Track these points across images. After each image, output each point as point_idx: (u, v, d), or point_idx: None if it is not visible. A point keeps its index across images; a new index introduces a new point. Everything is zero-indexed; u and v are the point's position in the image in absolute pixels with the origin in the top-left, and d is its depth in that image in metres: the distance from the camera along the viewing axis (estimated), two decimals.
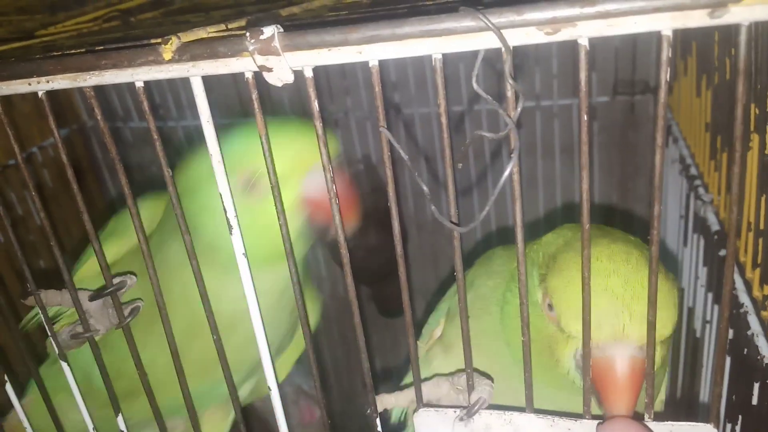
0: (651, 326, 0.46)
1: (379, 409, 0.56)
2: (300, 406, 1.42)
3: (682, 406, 1.03)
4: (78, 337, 0.63)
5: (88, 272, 0.80)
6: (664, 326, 0.59)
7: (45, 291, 0.68)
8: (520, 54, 0.38)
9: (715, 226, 0.86)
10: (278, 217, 0.47)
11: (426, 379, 0.60)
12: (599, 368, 0.57)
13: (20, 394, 0.81)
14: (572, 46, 0.41)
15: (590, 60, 0.41)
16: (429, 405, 0.54)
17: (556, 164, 1.41)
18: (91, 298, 0.64)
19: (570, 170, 1.41)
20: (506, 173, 0.44)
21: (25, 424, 0.70)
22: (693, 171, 1.01)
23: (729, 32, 0.80)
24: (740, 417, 0.72)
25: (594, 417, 0.50)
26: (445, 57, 0.41)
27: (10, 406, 0.75)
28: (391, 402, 0.59)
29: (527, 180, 1.41)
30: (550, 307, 0.62)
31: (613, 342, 0.58)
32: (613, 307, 0.58)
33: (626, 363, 0.57)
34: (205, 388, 0.74)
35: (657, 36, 0.39)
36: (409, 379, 0.83)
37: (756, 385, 0.67)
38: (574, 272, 0.61)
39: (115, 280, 0.61)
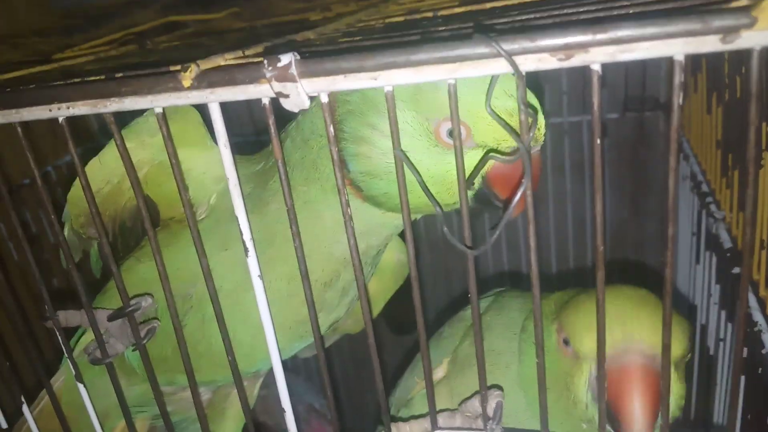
0: (666, 348, 0.46)
1: None
2: (311, 425, 1.42)
3: (697, 426, 1.02)
4: (97, 362, 0.64)
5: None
6: (675, 348, 0.58)
7: (65, 311, 0.69)
8: (530, 71, 0.38)
9: (727, 244, 0.86)
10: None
11: (439, 411, 0.60)
12: (611, 379, 0.56)
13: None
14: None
15: (601, 82, 0.41)
16: (443, 428, 0.54)
17: (566, 181, 1.41)
18: (110, 318, 0.65)
19: (580, 187, 1.41)
20: (517, 197, 0.44)
21: None
22: (704, 188, 1.01)
23: (740, 51, 0.80)
24: None
25: None
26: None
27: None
28: (405, 430, 0.59)
29: (537, 197, 1.41)
30: (566, 342, 0.63)
31: (623, 350, 0.58)
32: (621, 317, 0.59)
33: (639, 369, 0.57)
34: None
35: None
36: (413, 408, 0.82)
37: None
38: (587, 304, 0.63)
39: (132, 301, 0.62)
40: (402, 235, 0.80)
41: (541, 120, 0.59)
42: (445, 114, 0.56)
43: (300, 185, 0.67)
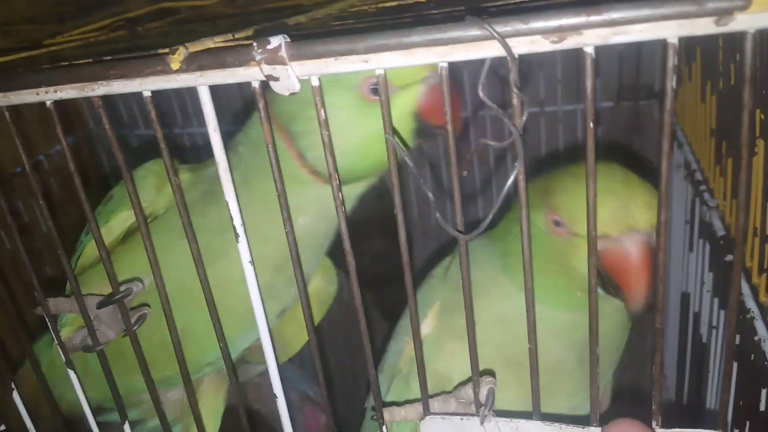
0: (659, 333, 0.46)
1: (387, 419, 0.56)
2: (305, 413, 1.42)
3: (689, 412, 1.02)
4: (89, 350, 0.63)
5: (89, 261, 0.82)
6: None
7: (55, 299, 0.69)
8: (524, 59, 0.38)
9: (720, 232, 0.86)
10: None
11: (433, 395, 0.60)
12: (616, 257, 0.65)
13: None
14: (577, 52, 0.41)
15: (595, 66, 0.41)
16: (436, 413, 0.54)
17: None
18: (100, 305, 0.65)
19: None
20: (510, 181, 0.44)
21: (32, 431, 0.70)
22: (698, 176, 1.00)
23: (734, 38, 0.80)
24: (748, 423, 0.72)
25: (601, 424, 0.50)
26: (450, 63, 0.42)
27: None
28: (400, 415, 0.59)
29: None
30: (557, 223, 0.69)
31: (626, 231, 0.65)
32: (622, 200, 0.66)
33: (642, 248, 0.65)
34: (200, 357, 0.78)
35: (661, 42, 0.39)
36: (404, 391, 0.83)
37: (763, 391, 0.67)
38: (576, 184, 0.68)
39: (122, 287, 0.61)
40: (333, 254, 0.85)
41: None
42: (360, 77, 0.63)
43: (256, 181, 0.71)
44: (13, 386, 0.66)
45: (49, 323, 0.63)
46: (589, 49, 0.39)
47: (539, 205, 0.70)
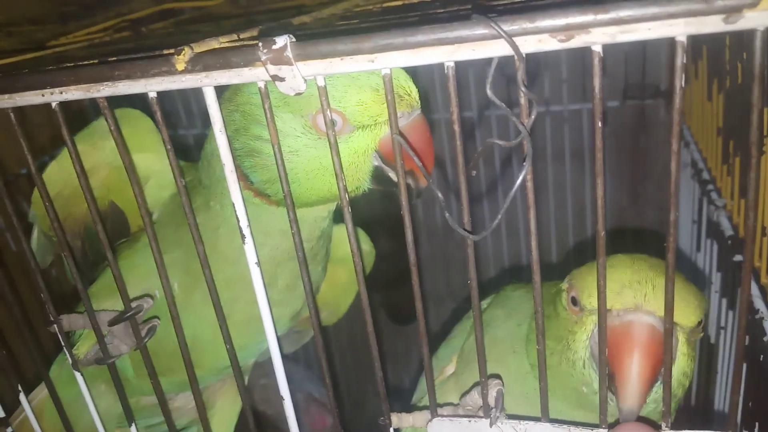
0: (668, 333, 0.46)
1: (394, 425, 0.56)
2: (311, 414, 1.42)
3: (698, 413, 1.01)
4: (101, 362, 0.63)
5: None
6: (687, 316, 0.57)
7: (68, 315, 0.69)
8: (529, 59, 0.38)
9: (728, 231, 0.86)
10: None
11: (441, 405, 0.59)
12: (615, 336, 0.53)
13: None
14: (582, 51, 0.40)
15: (602, 60, 0.40)
16: (443, 415, 0.53)
17: (566, 169, 1.40)
18: (112, 323, 0.65)
19: (580, 175, 1.40)
20: (519, 181, 0.43)
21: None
22: (705, 175, 1.00)
23: (740, 36, 0.79)
24: (757, 424, 0.71)
25: (610, 426, 0.49)
26: (456, 62, 0.41)
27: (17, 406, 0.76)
28: (408, 421, 0.58)
29: (537, 185, 1.40)
30: (574, 300, 0.60)
31: (633, 309, 0.55)
32: (636, 276, 0.57)
33: (645, 329, 0.54)
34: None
35: (667, 41, 0.38)
36: (421, 392, 0.82)
37: None
38: (594, 265, 0.59)
39: (134, 304, 0.62)
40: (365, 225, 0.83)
41: (413, 88, 0.59)
42: (316, 106, 0.58)
43: (214, 203, 0.69)
44: (20, 389, 0.66)
45: (62, 341, 0.63)
46: (597, 48, 0.39)
47: (565, 281, 0.64)
